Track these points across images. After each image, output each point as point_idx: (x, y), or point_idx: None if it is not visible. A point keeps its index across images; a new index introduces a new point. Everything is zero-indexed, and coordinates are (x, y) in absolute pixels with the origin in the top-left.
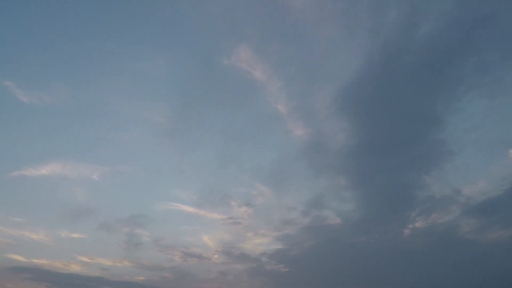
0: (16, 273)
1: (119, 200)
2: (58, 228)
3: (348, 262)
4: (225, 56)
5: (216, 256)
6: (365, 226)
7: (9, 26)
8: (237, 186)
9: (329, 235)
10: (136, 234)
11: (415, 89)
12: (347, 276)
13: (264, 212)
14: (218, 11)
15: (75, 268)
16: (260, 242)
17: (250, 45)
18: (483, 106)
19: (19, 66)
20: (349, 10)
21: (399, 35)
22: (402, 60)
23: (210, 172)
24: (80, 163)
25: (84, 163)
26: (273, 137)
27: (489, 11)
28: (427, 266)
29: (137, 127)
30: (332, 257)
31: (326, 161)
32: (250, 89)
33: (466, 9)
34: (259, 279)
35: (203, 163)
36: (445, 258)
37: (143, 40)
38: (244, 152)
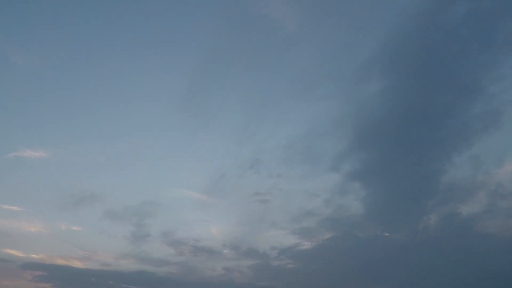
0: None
1: (128, 185)
2: (58, 218)
3: (363, 257)
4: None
5: (226, 251)
6: (384, 217)
7: None
8: (253, 170)
9: (345, 228)
10: (145, 224)
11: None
12: (360, 274)
13: (284, 200)
14: None
15: (75, 263)
16: (275, 234)
17: None
18: None
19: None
20: None
21: None
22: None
23: (224, 152)
24: (84, 143)
25: (88, 142)
26: (301, 106)
27: None
28: (449, 263)
29: (148, 99)
30: (346, 252)
31: (356, 136)
32: (278, 45)
33: None
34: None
35: (218, 141)
36: (467, 252)
37: None
38: (266, 125)
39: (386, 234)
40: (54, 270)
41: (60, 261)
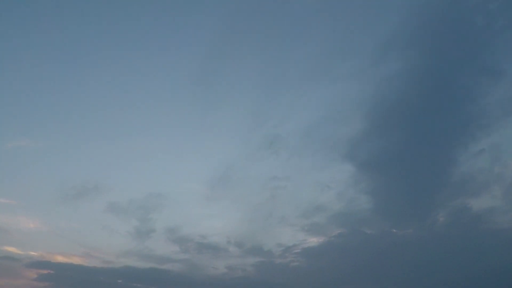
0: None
1: (134, 176)
2: (58, 212)
3: (371, 254)
4: None
5: (231, 249)
6: (392, 213)
7: None
8: (263, 161)
9: (355, 225)
10: (151, 219)
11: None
12: (367, 272)
13: (295, 193)
14: None
15: (76, 260)
16: (283, 231)
17: None
18: None
19: None
20: None
21: None
22: None
23: (233, 141)
24: (86, 132)
25: (91, 131)
26: (318, 88)
27: None
28: (462, 261)
29: (157, 78)
30: (355, 249)
31: (372, 122)
32: (295, 18)
33: None
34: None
35: (227, 130)
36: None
37: None
38: (279, 110)
39: (394, 230)
40: (54, 268)
41: (60, 259)
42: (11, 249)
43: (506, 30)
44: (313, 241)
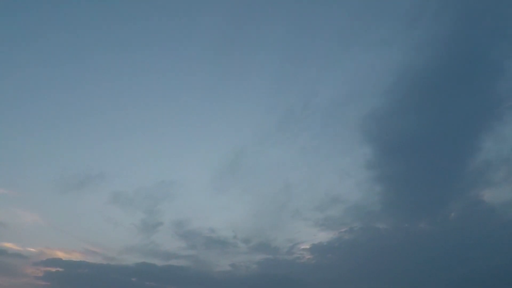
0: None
1: (141, 163)
2: (57, 203)
3: (383, 251)
4: None
5: (239, 245)
6: (407, 205)
7: None
8: (278, 145)
9: (368, 219)
10: (158, 210)
11: None
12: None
13: (312, 182)
14: None
15: (77, 257)
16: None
17: None
18: None
19: None
20: None
21: None
22: None
23: (248, 121)
24: (90, 113)
25: (95, 112)
26: (348, 57)
27: None
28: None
29: (172, 49)
30: (366, 245)
31: (396, 97)
32: None
33: None
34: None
35: (240, 110)
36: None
37: None
38: (305, 81)
39: (407, 225)
40: (54, 265)
41: (60, 254)
42: (8, 244)
43: None
44: (324, 236)
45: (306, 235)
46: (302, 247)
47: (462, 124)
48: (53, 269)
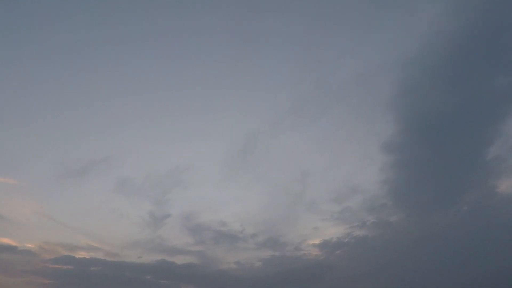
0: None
1: (152, 147)
2: (58, 192)
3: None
4: None
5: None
6: (421, 196)
7: None
8: (293, 129)
9: (383, 212)
10: (167, 200)
11: None
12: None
13: (330, 170)
14: None
15: (79, 254)
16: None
17: None
18: None
19: None
20: None
21: None
22: None
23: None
24: (97, 94)
25: (102, 92)
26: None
27: None
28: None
29: (186, 34)
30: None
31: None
32: None
33: None
34: None
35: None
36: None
37: None
38: (325, 55)
39: (419, 218)
40: (53, 263)
41: (61, 250)
42: (5, 240)
43: None
44: (335, 231)
45: (318, 230)
46: (312, 242)
47: (492, 105)
48: (51, 266)
